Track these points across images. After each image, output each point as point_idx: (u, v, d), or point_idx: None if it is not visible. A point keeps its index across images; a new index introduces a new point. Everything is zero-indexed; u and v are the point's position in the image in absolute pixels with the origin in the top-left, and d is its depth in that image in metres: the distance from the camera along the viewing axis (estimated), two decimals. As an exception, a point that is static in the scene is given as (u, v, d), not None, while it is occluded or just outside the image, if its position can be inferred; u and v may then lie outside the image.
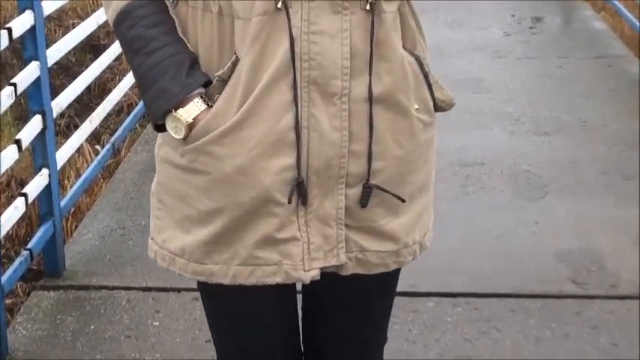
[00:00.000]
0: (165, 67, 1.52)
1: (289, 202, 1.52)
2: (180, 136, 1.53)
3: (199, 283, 1.66)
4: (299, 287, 1.70)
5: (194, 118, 1.51)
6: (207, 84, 1.53)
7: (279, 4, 1.47)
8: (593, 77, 5.25)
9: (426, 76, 1.58)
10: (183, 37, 1.56)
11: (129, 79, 4.20)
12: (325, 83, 1.50)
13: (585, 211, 3.72)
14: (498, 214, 3.71)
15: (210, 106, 1.52)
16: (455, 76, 5.17)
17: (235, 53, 1.51)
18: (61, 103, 3.31)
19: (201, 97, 1.52)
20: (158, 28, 1.54)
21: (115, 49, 4.00)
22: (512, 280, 3.24)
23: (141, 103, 4.54)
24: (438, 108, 1.62)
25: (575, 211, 3.73)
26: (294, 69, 1.48)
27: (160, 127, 1.57)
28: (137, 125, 4.64)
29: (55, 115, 3.21)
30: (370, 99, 1.52)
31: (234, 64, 1.51)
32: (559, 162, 4.17)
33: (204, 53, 1.55)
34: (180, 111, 1.51)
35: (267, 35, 1.48)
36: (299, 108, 1.50)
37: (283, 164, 1.51)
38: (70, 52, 4.01)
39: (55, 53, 3.27)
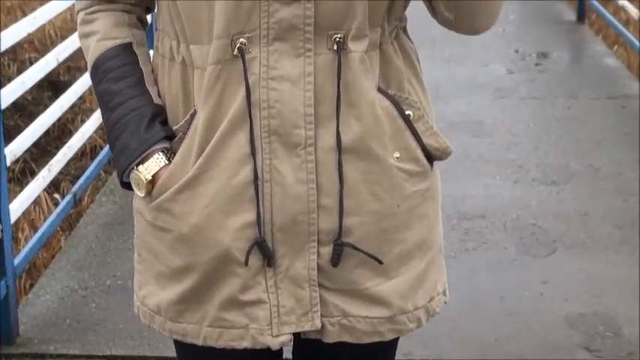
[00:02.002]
0: (127, 122, 1.58)
1: (246, 263, 1.55)
2: (142, 194, 1.59)
3: (175, 343, 1.71)
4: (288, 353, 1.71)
5: (153, 175, 1.57)
6: (170, 137, 1.58)
7: (235, 51, 1.51)
8: (606, 120, 5.29)
9: (407, 121, 1.58)
10: (153, 88, 1.62)
11: (92, 121, 4.20)
12: (287, 133, 1.52)
13: (598, 270, 3.73)
14: (502, 273, 3.71)
15: (168, 164, 1.57)
16: (452, 117, 5.21)
17: (194, 105, 1.55)
18: (15, 150, 3.31)
19: (164, 152, 1.58)
20: (123, 81, 1.60)
21: (76, 87, 4.02)
22: (518, 347, 3.24)
23: (106, 148, 4.54)
24: (432, 156, 1.63)
25: (587, 269, 3.73)
26: (250, 119, 1.51)
27: (128, 186, 1.63)
28: (101, 171, 4.64)
29: (8, 163, 3.21)
30: (339, 148, 1.53)
31: (192, 116, 1.55)
32: (568, 215, 4.19)
33: (170, 105, 1.60)
34: (140, 168, 1.58)
35: (223, 85, 1.52)
36: (258, 160, 1.52)
37: (243, 222, 1.54)
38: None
39: (9, 94, 3.28)
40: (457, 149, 4.82)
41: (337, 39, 1.52)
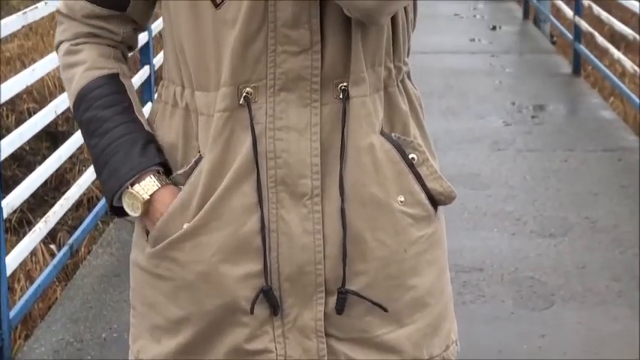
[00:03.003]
0: (118, 146, 1.57)
1: (251, 311, 1.53)
2: (137, 213, 1.57)
3: None
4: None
5: (151, 195, 1.56)
6: (163, 165, 1.58)
7: (242, 101, 1.51)
8: (603, 172, 5.30)
9: (410, 164, 1.57)
10: (142, 117, 1.62)
11: (90, 172, 4.20)
12: (294, 183, 1.52)
13: (597, 323, 3.71)
14: (499, 327, 3.69)
15: (167, 184, 1.56)
16: (449, 170, 5.20)
17: (199, 151, 1.55)
18: (12, 202, 3.31)
19: (159, 174, 1.57)
20: (113, 108, 1.60)
21: (75, 138, 4.02)
22: (516, 402, 3.22)
23: (103, 199, 4.53)
24: (436, 201, 1.61)
25: (586, 323, 3.72)
26: (257, 169, 1.51)
27: (117, 211, 1.61)
28: (99, 222, 4.63)
29: (5, 215, 3.20)
30: (342, 196, 1.53)
31: (197, 162, 1.55)
32: (566, 267, 4.17)
33: (168, 150, 1.60)
34: (137, 187, 1.56)
35: (230, 132, 1.52)
36: (265, 210, 1.52)
37: (249, 271, 1.53)
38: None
39: (7, 146, 3.28)
40: (454, 202, 4.84)
41: (342, 87, 1.52)
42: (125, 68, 1.67)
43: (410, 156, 1.57)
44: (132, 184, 1.56)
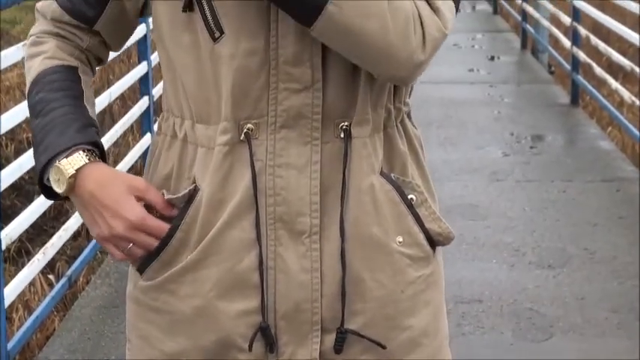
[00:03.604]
0: (58, 124, 1.55)
1: (250, 349, 1.53)
2: (62, 189, 1.52)
3: None
4: None
5: (77, 170, 1.51)
6: (99, 149, 1.56)
7: (242, 137, 1.51)
8: (601, 203, 5.30)
9: (409, 205, 1.56)
10: (92, 108, 1.61)
11: (88, 204, 4.19)
12: (292, 220, 1.51)
13: (596, 355, 3.69)
14: (499, 358, 3.68)
15: (97, 161, 1.53)
16: (448, 201, 5.21)
17: (195, 182, 1.54)
18: (11, 233, 3.31)
19: (91, 153, 1.54)
20: (62, 92, 1.59)
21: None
22: None
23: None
24: (434, 242, 1.61)
25: (585, 354, 3.70)
26: (257, 206, 1.51)
27: (48, 192, 1.57)
28: (97, 252, 4.62)
29: (4, 246, 3.20)
30: (342, 236, 1.52)
31: (192, 193, 1.53)
32: (565, 299, 4.17)
33: (160, 179, 1.58)
34: (64, 161, 1.51)
35: (230, 167, 1.52)
36: (263, 247, 1.51)
37: (246, 308, 1.53)
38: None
39: (6, 177, 3.28)
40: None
41: (344, 127, 1.52)
42: (86, 69, 1.65)
43: (409, 197, 1.56)
44: (60, 160, 1.52)
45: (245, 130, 1.51)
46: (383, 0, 1.43)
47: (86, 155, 1.53)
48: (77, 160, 1.52)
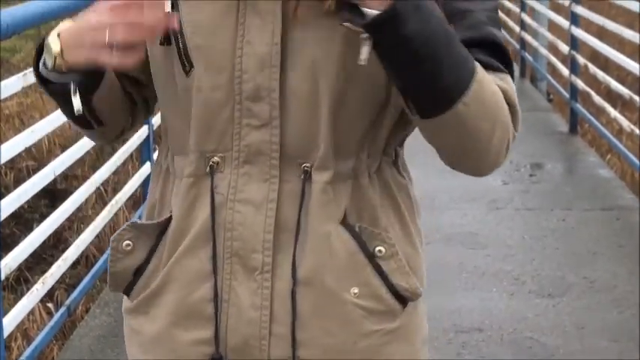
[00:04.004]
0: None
1: None
2: (51, 60, 1.48)
3: None
4: None
5: (59, 32, 1.48)
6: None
7: (207, 169, 1.53)
8: (600, 231, 5.29)
9: (371, 257, 1.54)
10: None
11: (89, 232, 4.20)
12: (246, 256, 1.53)
13: (596, 385, 3.70)
14: (499, 388, 3.68)
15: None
16: (447, 229, 5.21)
17: (170, 212, 1.58)
18: (10, 263, 3.30)
19: None
20: None
21: (74, 198, 4.02)
22: None
23: (101, 259, 4.53)
24: (403, 297, 1.57)
25: (585, 384, 3.70)
26: (214, 238, 1.53)
27: (44, 82, 1.54)
28: (97, 281, 4.61)
29: (3, 276, 3.20)
30: (294, 278, 1.52)
31: (166, 222, 1.58)
32: (565, 328, 4.16)
33: (149, 207, 1.63)
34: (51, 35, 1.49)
35: (194, 198, 1.54)
36: (218, 280, 1.53)
37: (200, 337, 1.55)
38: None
39: (6, 207, 3.28)
40: (453, 262, 4.90)
41: (305, 168, 1.52)
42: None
43: (376, 249, 1.54)
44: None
45: (210, 163, 1.53)
46: (496, 105, 1.45)
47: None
48: (61, 25, 1.50)
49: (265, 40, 1.48)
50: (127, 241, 1.60)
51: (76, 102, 1.48)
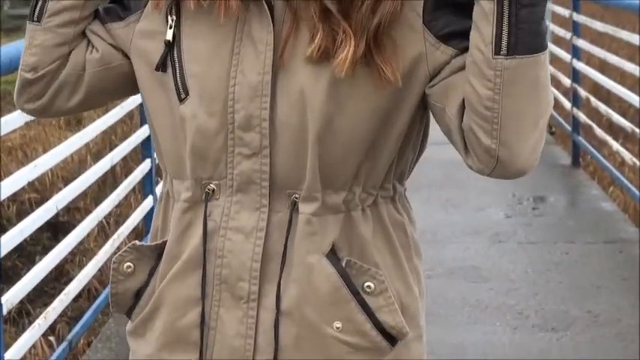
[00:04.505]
0: None
1: None
2: None
3: None
4: None
5: None
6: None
7: (203, 196, 1.54)
8: (604, 265, 5.27)
9: (355, 292, 1.54)
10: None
11: (91, 267, 4.18)
12: (234, 284, 1.54)
13: (600, 421, 3.66)
14: None
15: None
16: (450, 263, 5.19)
17: (169, 234, 1.60)
18: (12, 299, 3.29)
19: None
20: None
21: (77, 232, 4.00)
22: None
23: (103, 293, 4.50)
24: (390, 334, 1.57)
25: (589, 420, 3.67)
26: (204, 264, 1.54)
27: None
28: (99, 314, 4.59)
29: (5, 311, 3.18)
30: (278, 308, 1.53)
31: (164, 244, 1.60)
32: (569, 362, 4.13)
33: (155, 231, 1.65)
34: None
35: (188, 223, 1.56)
36: (206, 306, 1.55)
37: None
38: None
39: (8, 242, 3.27)
40: (455, 296, 4.88)
41: (294, 198, 1.53)
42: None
43: (365, 284, 1.54)
44: None
45: (206, 190, 1.54)
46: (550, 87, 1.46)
47: None
48: None
49: (257, 69, 1.49)
50: (129, 263, 1.62)
51: None
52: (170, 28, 1.54)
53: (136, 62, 1.60)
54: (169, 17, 1.55)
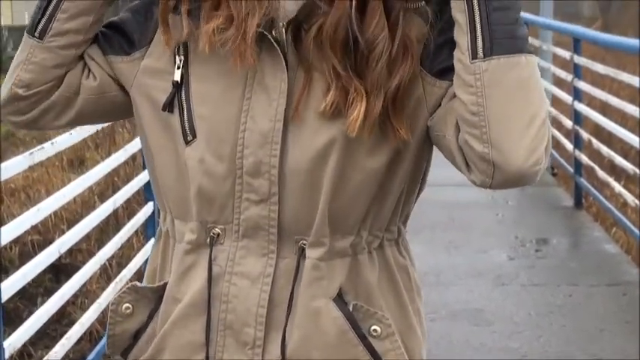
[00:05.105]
0: None
1: None
2: None
3: None
4: None
5: None
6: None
7: (207, 240, 1.53)
8: (607, 307, 5.25)
9: (362, 336, 1.54)
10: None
11: (93, 311, 4.17)
12: (239, 330, 1.52)
13: None
14: None
15: None
16: (453, 305, 5.17)
17: (169, 275, 1.58)
18: (14, 343, 3.27)
19: None
20: None
21: (77, 277, 3.99)
22: None
23: (105, 335, 4.49)
24: None
25: None
26: (209, 309, 1.52)
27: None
28: (101, 357, 4.57)
29: (7, 356, 3.16)
30: (283, 354, 1.52)
31: (164, 287, 1.57)
32: (573, 407, 4.11)
33: (150, 272, 1.63)
34: None
35: (190, 266, 1.54)
36: (210, 352, 1.53)
37: None
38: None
39: (10, 286, 3.26)
40: (459, 338, 4.85)
41: (301, 244, 1.52)
42: None
43: (371, 328, 1.54)
44: None
45: (211, 234, 1.53)
46: (543, 93, 1.47)
47: None
48: None
49: (269, 116, 1.49)
50: (127, 304, 1.60)
51: None
52: (178, 68, 1.54)
53: (139, 99, 1.59)
54: (177, 57, 1.54)
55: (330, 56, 1.46)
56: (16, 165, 3.38)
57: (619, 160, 6.58)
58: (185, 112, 1.52)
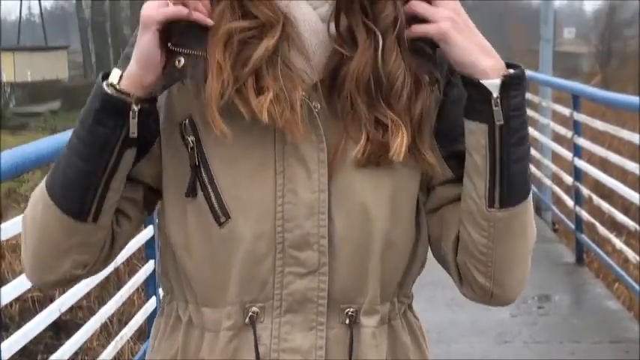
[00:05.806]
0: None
1: None
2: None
3: None
4: None
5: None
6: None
7: (247, 320, 1.49)
8: (610, 365, 5.22)
9: None
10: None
11: (92, 369, 4.14)
12: None
13: None
14: None
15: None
16: (456, 363, 5.14)
17: None
18: (15, 404, 3.25)
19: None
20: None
21: (78, 335, 3.97)
22: None
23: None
24: None
25: None
26: None
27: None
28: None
29: (8, 418, 3.15)
30: None
31: None
32: None
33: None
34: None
35: (234, 350, 1.50)
36: None
37: None
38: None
39: (10, 346, 3.24)
40: (461, 398, 4.82)
41: (350, 313, 1.50)
42: None
43: None
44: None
45: (250, 314, 1.49)
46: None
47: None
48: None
49: (311, 188, 1.45)
50: None
51: (133, 124, 1.43)
52: (192, 150, 1.48)
53: (167, 188, 1.53)
54: (187, 138, 1.48)
55: (362, 97, 1.45)
56: (17, 224, 3.38)
57: (620, 216, 6.57)
58: (212, 195, 1.47)
